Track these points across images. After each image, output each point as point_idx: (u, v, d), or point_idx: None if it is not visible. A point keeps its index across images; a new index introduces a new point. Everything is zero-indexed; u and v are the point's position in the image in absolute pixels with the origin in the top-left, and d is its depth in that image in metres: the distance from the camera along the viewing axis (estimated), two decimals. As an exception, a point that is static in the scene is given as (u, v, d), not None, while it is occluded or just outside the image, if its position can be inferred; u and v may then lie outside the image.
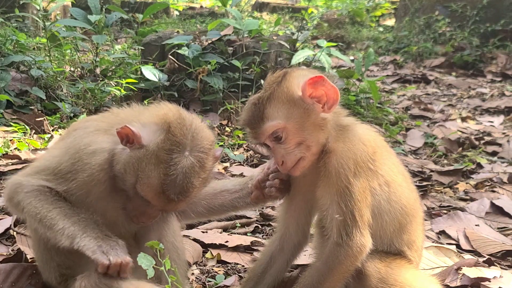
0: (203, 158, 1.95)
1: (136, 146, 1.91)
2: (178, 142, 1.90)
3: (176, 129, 1.92)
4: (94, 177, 1.99)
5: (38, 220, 1.97)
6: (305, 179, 2.21)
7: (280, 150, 2.07)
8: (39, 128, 4.55)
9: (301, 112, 2.04)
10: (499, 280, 2.57)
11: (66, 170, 2.01)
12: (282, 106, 2.04)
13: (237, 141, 4.80)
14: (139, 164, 1.90)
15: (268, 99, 2.05)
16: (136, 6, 10.89)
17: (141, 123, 1.96)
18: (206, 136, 2.01)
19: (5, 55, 5.12)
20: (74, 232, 1.92)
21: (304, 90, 2.03)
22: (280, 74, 2.11)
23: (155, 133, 1.92)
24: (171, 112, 1.99)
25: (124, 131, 1.91)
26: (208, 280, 2.62)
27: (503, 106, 6.97)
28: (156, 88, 5.40)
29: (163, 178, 1.88)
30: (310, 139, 2.05)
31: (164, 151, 1.88)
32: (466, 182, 4.27)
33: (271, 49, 5.85)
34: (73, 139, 2.08)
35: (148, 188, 1.90)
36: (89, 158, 1.99)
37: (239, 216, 3.30)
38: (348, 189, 2.02)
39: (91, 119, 2.22)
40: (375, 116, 5.79)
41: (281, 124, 2.03)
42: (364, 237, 2.05)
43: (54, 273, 2.19)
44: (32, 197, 1.99)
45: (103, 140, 2.02)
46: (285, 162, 2.07)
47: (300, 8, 13.08)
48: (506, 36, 9.92)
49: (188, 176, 1.90)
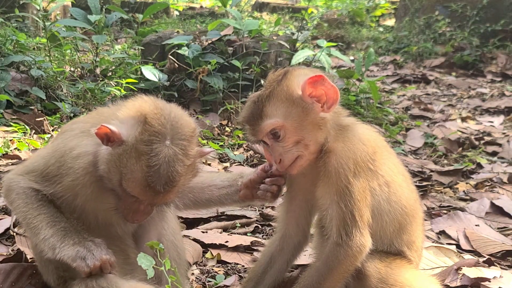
0: (186, 145, 1.91)
1: (117, 144, 1.88)
2: (157, 132, 1.87)
3: (153, 120, 1.88)
4: (79, 181, 1.99)
5: (26, 225, 2.04)
6: (305, 179, 2.20)
7: (278, 148, 2.07)
8: (39, 128, 4.55)
9: (300, 111, 2.04)
10: (499, 280, 2.57)
11: (52, 173, 2.03)
12: (281, 105, 2.04)
13: (237, 141, 4.80)
14: (120, 160, 1.87)
15: (268, 97, 2.06)
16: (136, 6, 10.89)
17: (118, 119, 1.93)
18: (186, 124, 1.97)
19: (5, 55, 5.12)
20: (54, 243, 1.94)
21: (304, 89, 2.03)
22: (280, 73, 2.11)
23: (133, 127, 1.89)
24: (146, 103, 1.97)
25: (102, 131, 1.88)
26: (208, 280, 2.62)
27: (503, 106, 6.97)
28: (156, 88, 5.40)
29: (146, 171, 1.84)
30: (308, 138, 2.05)
31: (143, 143, 1.85)
32: (466, 182, 4.27)
33: (271, 49, 5.85)
34: (60, 142, 2.09)
35: (133, 183, 1.87)
36: (73, 162, 1.99)
37: (239, 216, 3.31)
38: (347, 189, 2.02)
39: (78, 121, 2.21)
40: (375, 116, 5.79)
41: (279, 122, 2.03)
42: (364, 237, 2.04)
43: (52, 275, 2.19)
44: (20, 200, 2.03)
45: (87, 143, 2.01)
46: (282, 160, 2.07)
47: (300, 8, 13.08)
48: (506, 36, 9.92)
49: (171, 165, 1.85)
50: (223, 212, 3.35)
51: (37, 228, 1.98)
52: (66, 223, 2.00)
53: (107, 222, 2.13)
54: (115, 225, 2.16)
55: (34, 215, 1.99)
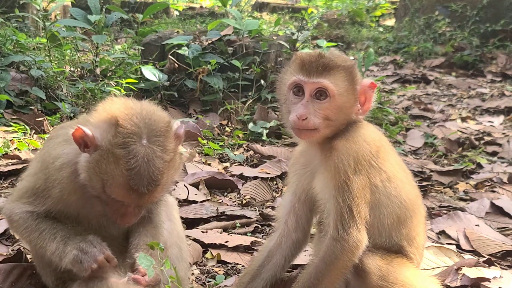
0: (162, 141, 1.87)
1: (93, 149, 1.85)
2: (131, 133, 1.83)
3: (125, 121, 1.85)
4: (65, 190, 1.99)
5: (34, 247, 2.13)
6: (306, 175, 2.23)
7: (311, 106, 2.11)
8: (39, 128, 4.54)
9: (351, 99, 2.14)
10: (499, 280, 2.57)
11: (41, 188, 2.04)
12: (346, 82, 2.13)
13: (237, 141, 4.80)
14: (99, 167, 1.84)
15: (340, 66, 2.13)
16: (136, 6, 10.89)
17: (92, 124, 1.90)
18: (159, 119, 1.93)
19: (5, 55, 5.12)
20: (59, 254, 1.97)
21: (363, 87, 2.16)
22: (349, 59, 2.25)
23: (106, 130, 1.85)
24: (115, 105, 1.93)
25: (77, 134, 1.85)
26: (208, 280, 2.62)
27: (503, 106, 6.97)
28: (156, 88, 5.40)
29: (126, 174, 1.81)
30: (336, 123, 2.13)
31: (119, 146, 1.81)
32: (466, 182, 4.27)
33: (271, 49, 5.84)
34: (45, 151, 2.10)
35: (116, 188, 1.85)
36: (56, 173, 1.99)
37: (239, 216, 3.31)
38: (346, 184, 2.05)
39: (63, 127, 2.20)
40: (375, 116, 5.78)
41: (335, 90, 2.10)
42: (361, 232, 2.06)
43: (51, 277, 2.20)
44: (20, 227, 2.08)
45: (69, 151, 1.99)
46: (308, 119, 2.09)
47: (300, 8, 13.07)
48: (506, 36, 9.91)
49: (151, 164, 1.82)
50: (223, 212, 3.35)
51: (43, 247, 2.01)
52: (64, 230, 2.01)
53: (100, 225, 2.13)
54: (109, 226, 2.15)
55: (36, 236, 2.02)
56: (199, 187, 3.73)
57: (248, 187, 3.79)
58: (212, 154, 4.45)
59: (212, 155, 4.45)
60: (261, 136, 4.95)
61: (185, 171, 3.91)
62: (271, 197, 3.71)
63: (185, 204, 3.45)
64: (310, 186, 2.21)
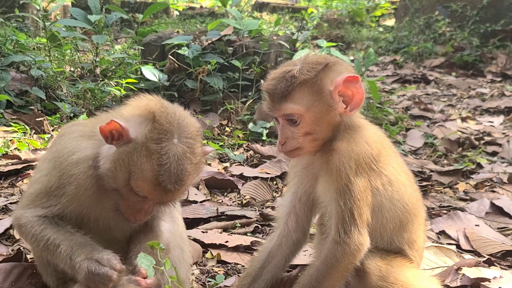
0: (192, 144, 1.91)
1: (123, 142, 1.86)
2: (165, 130, 1.86)
3: (161, 118, 1.88)
4: (81, 187, 1.98)
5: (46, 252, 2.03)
6: (307, 175, 2.22)
7: (287, 131, 2.10)
8: (39, 128, 4.55)
9: (323, 107, 2.06)
10: (499, 280, 2.57)
11: (55, 186, 2.01)
12: (310, 96, 2.05)
13: (237, 141, 4.81)
14: (130, 158, 1.85)
15: (300, 83, 2.05)
16: (136, 6, 10.89)
17: (124, 118, 1.91)
18: (191, 123, 1.97)
19: (5, 55, 5.12)
20: (71, 263, 1.94)
21: (337, 86, 2.05)
22: (322, 63, 2.09)
23: (141, 124, 1.88)
24: (152, 102, 1.96)
25: (110, 127, 1.85)
26: (208, 280, 2.62)
27: (503, 106, 6.97)
28: (156, 88, 5.40)
29: (157, 169, 1.83)
30: (320, 134, 2.09)
31: (153, 141, 1.84)
32: (466, 182, 4.27)
33: (271, 49, 5.85)
34: (58, 147, 2.07)
35: (143, 182, 1.86)
36: (73, 168, 1.97)
37: (239, 216, 3.30)
38: (347, 187, 2.03)
39: (77, 124, 2.20)
40: (375, 116, 5.79)
41: (301, 111, 2.05)
42: (362, 235, 2.05)
43: (52, 277, 2.19)
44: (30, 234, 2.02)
45: (86, 146, 1.99)
46: (286, 144, 2.10)
47: (300, 8, 13.08)
48: (506, 36, 9.92)
49: (181, 163, 1.85)
50: (223, 212, 3.35)
51: (56, 253, 1.97)
52: (75, 235, 1.99)
53: (106, 227, 2.12)
54: (115, 229, 2.15)
55: (48, 241, 1.98)
56: (199, 187, 3.73)
57: (248, 187, 3.79)
58: (212, 154, 4.45)
59: (212, 155, 4.45)
60: (261, 136, 4.95)
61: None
62: (271, 197, 3.71)
63: (185, 204, 3.45)
64: (312, 188, 2.20)
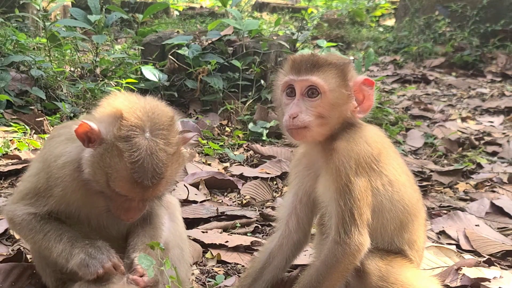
0: (166, 135, 1.88)
1: (97, 143, 1.86)
2: (134, 126, 1.84)
3: (129, 114, 1.86)
4: (68, 189, 1.99)
5: (38, 248, 2.11)
6: (307, 175, 2.22)
7: (303, 104, 2.10)
8: (39, 128, 4.54)
9: (344, 96, 2.11)
10: (499, 280, 2.57)
11: (43, 187, 2.03)
12: (336, 78, 2.11)
13: (237, 141, 4.80)
14: (103, 160, 1.84)
15: (331, 64, 2.11)
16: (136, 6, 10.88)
17: (96, 119, 1.91)
18: (163, 113, 1.94)
19: (5, 55, 5.12)
20: (65, 256, 1.97)
21: (356, 84, 2.13)
22: (345, 59, 2.22)
23: (110, 124, 1.86)
24: (120, 99, 1.95)
25: (81, 129, 1.85)
26: (208, 280, 2.62)
27: (503, 106, 6.97)
28: (156, 88, 5.40)
29: (130, 167, 1.80)
30: (330, 120, 2.10)
31: (122, 139, 1.82)
32: (466, 182, 4.27)
33: (271, 49, 5.85)
34: (46, 151, 2.10)
35: (120, 182, 1.84)
36: (59, 171, 1.98)
37: (239, 216, 3.30)
38: (348, 187, 2.03)
39: (65, 126, 2.20)
40: (375, 116, 5.78)
41: (325, 88, 2.08)
42: (363, 236, 2.05)
43: (50, 277, 2.20)
44: (24, 229, 2.07)
45: (71, 150, 2.00)
46: (298, 118, 2.08)
47: (300, 8, 13.07)
48: (506, 36, 9.91)
49: (155, 157, 1.83)
50: (223, 212, 3.35)
51: (48, 248, 2.01)
52: (70, 232, 2.02)
53: (100, 225, 2.13)
54: (109, 227, 2.15)
55: (41, 237, 2.02)
56: (199, 187, 3.73)
57: (248, 187, 3.79)
58: (212, 154, 4.45)
59: (212, 155, 4.45)
60: (261, 136, 4.95)
61: (185, 171, 3.91)
62: (271, 197, 3.71)
63: (185, 204, 3.44)
64: (313, 189, 2.20)
